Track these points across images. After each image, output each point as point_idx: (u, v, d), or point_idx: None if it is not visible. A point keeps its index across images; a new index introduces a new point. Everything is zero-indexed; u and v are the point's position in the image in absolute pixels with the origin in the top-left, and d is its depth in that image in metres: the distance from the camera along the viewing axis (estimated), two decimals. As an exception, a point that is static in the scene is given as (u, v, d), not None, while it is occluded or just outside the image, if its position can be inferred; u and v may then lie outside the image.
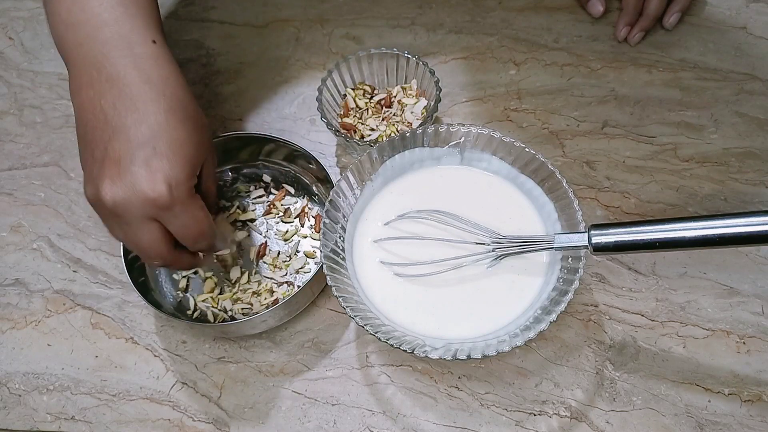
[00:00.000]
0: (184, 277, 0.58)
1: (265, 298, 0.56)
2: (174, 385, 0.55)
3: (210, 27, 0.73)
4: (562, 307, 0.45)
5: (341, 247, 0.51)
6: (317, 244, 0.58)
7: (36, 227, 0.63)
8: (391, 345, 0.45)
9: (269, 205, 0.60)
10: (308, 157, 0.58)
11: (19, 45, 0.75)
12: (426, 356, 0.44)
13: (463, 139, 0.53)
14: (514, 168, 0.53)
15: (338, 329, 0.56)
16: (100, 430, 0.53)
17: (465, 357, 0.44)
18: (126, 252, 0.55)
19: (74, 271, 0.60)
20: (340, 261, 0.50)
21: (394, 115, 0.63)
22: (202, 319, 0.56)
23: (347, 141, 0.60)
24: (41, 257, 0.62)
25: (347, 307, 0.46)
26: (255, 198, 0.61)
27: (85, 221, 0.63)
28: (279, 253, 0.58)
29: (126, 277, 0.54)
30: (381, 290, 0.50)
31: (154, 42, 0.47)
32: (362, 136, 0.62)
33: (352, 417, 0.52)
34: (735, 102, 0.64)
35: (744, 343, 0.53)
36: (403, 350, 0.45)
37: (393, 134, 0.59)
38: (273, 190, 0.62)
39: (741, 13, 0.69)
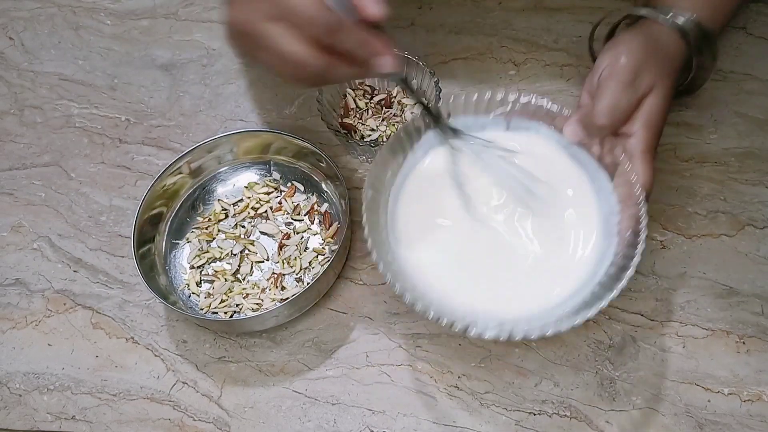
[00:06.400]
0: (196, 268, 0.58)
1: (275, 294, 0.56)
2: (174, 384, 0.55)
3: (211, 27, 0.74)
4: (623, 282, 0.43)
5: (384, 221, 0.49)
6: (326, 241, 0.59)
7: (36, 227, 0.63)
8: (437, 322, 0.43)
9: (279, 202, 0.61)
10: (318, 155, 0.59)
11: (20, 45, 0.75)
12: (472, 335, 0.42)
13: (510, 107, 0.51)
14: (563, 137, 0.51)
15: (339, 329, 0.56)
16: (100, 429, 0.53)
17: (521, 337, 0.42)
18: (137, 247, 0.56)
19: (75, 271, 0.61)
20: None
21: (394, 115, 0.63)
22: (213, 314, 0.56)
23: (347, 141, 0.60)
24: (42, 257, 0.62)
25: (385, 269, 0.43)
26: (264, 194, 0.61)
27: (86, 221, 0.63)
28: (288, 250, 0.58)
29: (127, 277, 0.54)
30: (423, 258, 0.48)
31: None
32: (362, 137, 0.62)
33: (352, 417, 0.52)
34: (735, 102, 0.63)
35: (744, 343, 0.53)
36: (442, 325, 0.42)
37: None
38: (282, 187, 0.62)
39: (741, 13, 0.69)
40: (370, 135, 0.62)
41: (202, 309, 0.56)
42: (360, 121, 0.63)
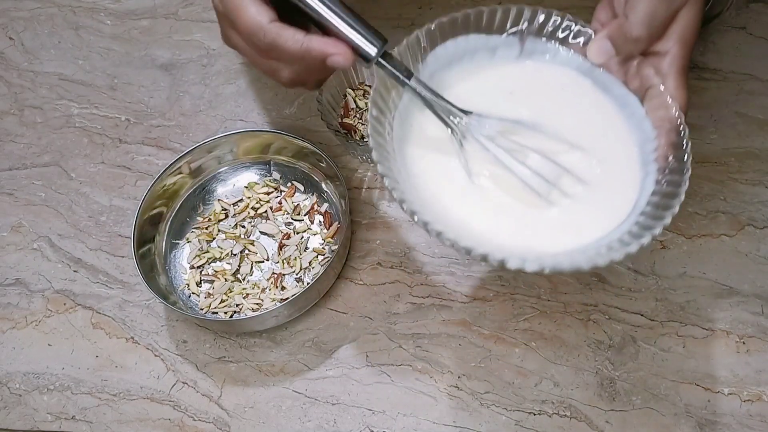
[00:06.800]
0: (196, 268, 0.58)
1: (275, 294, 0.56)
2: (174, 384, 0.55)
3: (211, 27, 0.74)
4: (676, 209, 0.40)
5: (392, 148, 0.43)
6: (326, 241, 0.59)
7: (36, 227, 0.63)
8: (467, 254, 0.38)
9: (279, 202, 0.61)
10: (318, 155, 0.59)
11: (20, 45, 0.75)
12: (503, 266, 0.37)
13: (526, 25, 0.46)
14: (587, 61, 0.46)
15: (338, 329, 0.56)
16: (100, 429, 0.53)
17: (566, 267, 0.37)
18: (137, 247, 0.56)
19: (75, 271, 0.61)
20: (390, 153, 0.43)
21: (394, 115, 0.63)
22: (213, 314, 0.56)
23: (347, 141, 0.60)
24: (42, 257, 0.62)
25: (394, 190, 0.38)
26: (264, 194, 0.61)
27: (86, 221, 0.63)
28: (288, 250, 0.58)
29: (127, 277, 0.54)
30: (443, 194, 0.43)
31: None
32: (362, 137, 0.62)
33: (352, 416, 0.52)
34: (735, 102, 0.63)
35: (744, 342, 0.53)
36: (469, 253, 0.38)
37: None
38: (282, 187, 0.62)
39: (741, 13, 0.69)
40: (370, 135, 0.62)
41: (202, 309, 0.56)
42: (360, 121, 0.63)
